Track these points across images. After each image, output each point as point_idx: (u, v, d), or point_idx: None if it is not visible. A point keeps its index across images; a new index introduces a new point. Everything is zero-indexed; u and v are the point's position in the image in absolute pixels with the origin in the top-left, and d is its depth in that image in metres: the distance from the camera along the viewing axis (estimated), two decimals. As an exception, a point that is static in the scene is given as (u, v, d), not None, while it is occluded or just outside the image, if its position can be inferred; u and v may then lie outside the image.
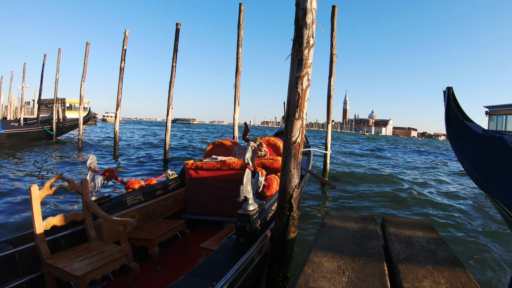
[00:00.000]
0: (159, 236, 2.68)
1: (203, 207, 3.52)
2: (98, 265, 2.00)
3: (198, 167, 3.53)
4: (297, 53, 1.99)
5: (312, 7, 1.93)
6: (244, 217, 2.02)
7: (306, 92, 2.03)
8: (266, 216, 2.31)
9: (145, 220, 3.07)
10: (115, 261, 2.11)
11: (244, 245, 1.95)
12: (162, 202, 3.31)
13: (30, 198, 2.09)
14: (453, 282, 1.45)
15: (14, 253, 2.01)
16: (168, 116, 10.05)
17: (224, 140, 4.27)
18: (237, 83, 8.00)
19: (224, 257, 1.79)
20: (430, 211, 5.61)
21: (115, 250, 2.19)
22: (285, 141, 2.13)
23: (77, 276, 1.86)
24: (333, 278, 1.49)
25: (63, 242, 2.35)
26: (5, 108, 24.39)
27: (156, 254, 2.60)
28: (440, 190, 7.80)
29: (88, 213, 2.42)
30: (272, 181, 2.74)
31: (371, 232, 2.18)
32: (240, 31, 8.04)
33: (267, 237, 2.15)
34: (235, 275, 1.61)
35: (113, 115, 32.70)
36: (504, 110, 15.50)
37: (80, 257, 2.12)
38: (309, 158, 5.33)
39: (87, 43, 12.53)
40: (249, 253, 1.86)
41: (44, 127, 14.83)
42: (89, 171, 2.77)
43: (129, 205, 2.95)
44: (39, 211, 2.12)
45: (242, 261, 1.74)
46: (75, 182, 2.44)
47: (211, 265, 1.68)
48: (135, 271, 2.21)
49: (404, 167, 13.00)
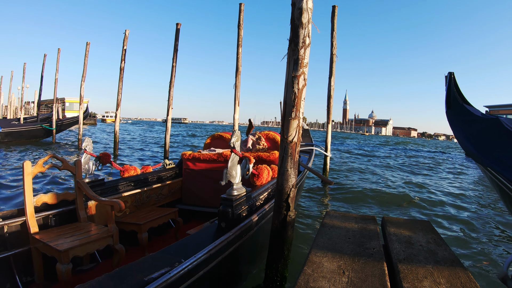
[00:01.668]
0: (148, 222, 2.67)
1: (199, 198, 3.54)
2: (82, 242, 2.01)
3: (195, 158, 3.54)
4: (293, 52, 1.99)
5: (308, 6, 1.94)
6: (226, 202, 2.00)
7: (303, 92, 2.03)
8: (253, 203, 2.27)
9: (138, 206, 3.08)
10: (100, 241, 2.11)
11: (225, 230, 1.91)
12: (156, 190, 3.32)
13: (23, 174, 2.10)
14: (453, 282, 1.45)
15: (3, 226, 2.03)
16: (168, 116, 10.05)
17: (224, 133, 4.28)
18: (237, 83, 8.00)
19: (201, 240, 1.76)
20: (430, 211, 5.61)
21: (101, 231, 2.22)
22: (281, 140, 2.12)
23: (59, 250, 1.87)
24: (333, 278, 1.49)
25: (53, 220, 2.37)
26: (5, 108, 24.39)
27: (144, 239, 2.60)
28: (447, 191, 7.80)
29: (80, 194, 2.44)
30: (263, 170, 2.71)
31: (371, 232, 2.18)
32: (240, 31, 8.04)
33: (252, 222, 2.11)
34: (206, 255, 1.60)
35: (113, 115, 32.69)
36: (504, 110, 15.52)
37: (67, 234, 2.13)
38: (311, 157, 5.34)
39: (87, 43, 12.54)
40: (226, 235, 1.82)
41: (43, 125, 14.80)
42: (84, 153, 2.78)
43: (122, 190, 2.96)
44: (30, 187, 2.13)
45: (217, 243, 1.71)
46: (68, 162, 2.44)
47: (186, 246, 1.67)
48: (120, 253, 2.22)
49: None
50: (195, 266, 1.50)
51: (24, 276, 2.11)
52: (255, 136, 4.00)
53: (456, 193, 7.40)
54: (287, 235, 2.15)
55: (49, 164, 2.31)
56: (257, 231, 2.24)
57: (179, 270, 1.39)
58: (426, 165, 14.32)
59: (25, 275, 2.11)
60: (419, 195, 6.83)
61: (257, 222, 2.20)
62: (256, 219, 2.17)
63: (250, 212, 2.21)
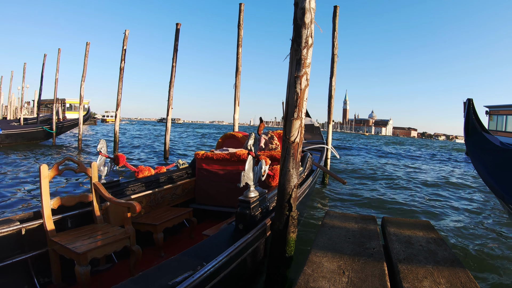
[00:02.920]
0: (164, 222, 2.70)
1: (212, 198, 3.56)
2: (100, 244, 2.03)
3: (208, 158, 3.57)
4: (296, 53, 1.98)
5: (310, 6, 1.93)
6: (244, 204, 2.02)
7: (305, 92, 2.03)
8: (268, 205, 2.29)
9: (152, 207, 3.12)
10: (117, 242, 2.14)
11: (243, 231, 1.94)
12: (171, 190, 3.35)
13: (40, 177, 2.14)
14: (453, 282, 1.45)
15: (20, 229, 2.07)
16: (168, 116, 10.05)
17: (236, 132, 4.32)
18: (237, 83, 8.00)
19: (220, 242, 1.79)
20: (432, 211, 5.60)
21: (118, 232, 2.23)
22: (284, 141, 2.13)
23: (78, 253, 1.89)
24: (333, 278, 1.49)
25: (70, 222, 2.41)
26: (5, 108, 24.40)
27: (160, 240, 2.64)
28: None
29: (96, 195, 2.47)
30: (278, 171, 2.74)
31: (371, 232, 2.18)
32: (240, 31, 8.04)
33: (266, 225, 2.14)
34: (227, 258, 1.62)
35: (113, 115, 32.72)
36: (504, 110, 15.49)
37: (84, 236, 2.15)
38: (322, 155, 5.33)
39: (87, 43, 12.53)
40: (245, 238, 1.85)
41: (44, 127, 14.80)
42: (99, 156, 2.81)
43: (137, 191, 2.99)
44: (47, 190, 2.16)
45: (236, 246, 1.74)
46: (84, 165, 2.47)
47: (205, 248, 1.69)
48: (137, 254, 2.24)
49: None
50: (217, 268, 1.52)
51: (42, 277, 2.15)
52: (268, 135, 4.02)
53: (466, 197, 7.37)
54: (289, 236, 2.14)
55: (65, 167, 2.34)
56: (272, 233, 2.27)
57: (202, 273, 1.42)
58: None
59: (42, 277, 2.15)
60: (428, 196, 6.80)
61: (272, 224, 2.23)
62: (270, 222, 2.20)
63: (266, 214, 2.24)
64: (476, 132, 3.33)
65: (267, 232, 2.17)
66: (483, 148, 3.07)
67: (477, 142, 3.21)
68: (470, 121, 3.40)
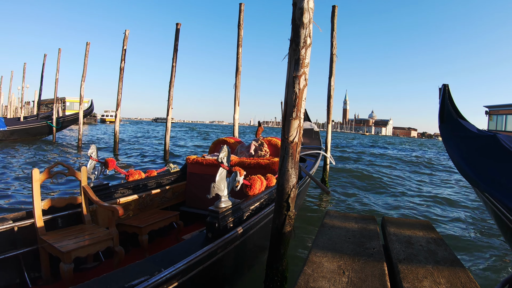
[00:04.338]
0: (149, 225, 2.79)
1: (202, 202, 3.63)
2: (84, 244, 2.16)
3: (198, 163, 3.71)
4: (294, 52, 1.99)
5: (309, 6, 1.93)
6: (213, 213, 2.07)
7: (304, 92, 2.04)
8: (241, 214, 2.34)
9: (141, 209, 3.21)
10: (100, 243, 2.26)
11: (212, 239, 1.98)
12: (160, 193, 3.44)
13: (31, 180, 2.29)
14: (453, 282, 1.45)
15: (13, 227, 2.21)
16: (168, 116, 10.05)
17: (228, 138, 4.44)
18: (237, 83, 8.00)
19: (188, 248, 1.83)
20: (432, 211, 5.61)
21: (103, 233, 2.36)
22: (282, 141, 2.14)
23: (62, 251, 2.03)
24: (333, 278, 1.49)
25: (60, 222, 2.55)
26: (5, 108, 24.39)
27: (145, 241, 2.73)
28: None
29: (85, 198, 2.61)
30: (255, 181, 2.76)
31: (371, 232, 2.18)
32: (240, 31, 8.04)
33: (237, 233, 2.17)
34: (185, 265, 1.66)
35: (113, 114, 32.70)
36: (504, 110, 15.47)
37: (71, 236, 2.30)
38: (316, 161, 5.34)
39: (87, 43, 12.54)
40: (208, 247, 1.89)
41: (48, 122, 15.00)
42: (89, 160, 2.91)
43: (126, 194, 3.09)
44: (38, 192, 2.33)
45: (198, 254, 1.78)
46: (74, 169, 2.59)
47: (173, 253, 1.75)
48: (120, 254, 2.35)
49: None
50: (174, 275, 1.58)
51: (32, 272, 2.29)
52: (258, 142, 4.09)
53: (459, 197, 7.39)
54: (287, 235, 2.17)
55: (56, 171, 2.48)
56: (244, 241, 2.30)
57: (157, 279, 1.48)
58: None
59: (33, 272, 2.29)
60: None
61: (244, 232, 2.25)
62: (242, 230, 2.22)
63: (239, 223, 2.27)
64: (451, 118, 3.22)
65: (237, 241, 2.19)
66: (458, 135, 2.91)
67: (453, 129, 3.06)
68: (446, 107, 3.31)
